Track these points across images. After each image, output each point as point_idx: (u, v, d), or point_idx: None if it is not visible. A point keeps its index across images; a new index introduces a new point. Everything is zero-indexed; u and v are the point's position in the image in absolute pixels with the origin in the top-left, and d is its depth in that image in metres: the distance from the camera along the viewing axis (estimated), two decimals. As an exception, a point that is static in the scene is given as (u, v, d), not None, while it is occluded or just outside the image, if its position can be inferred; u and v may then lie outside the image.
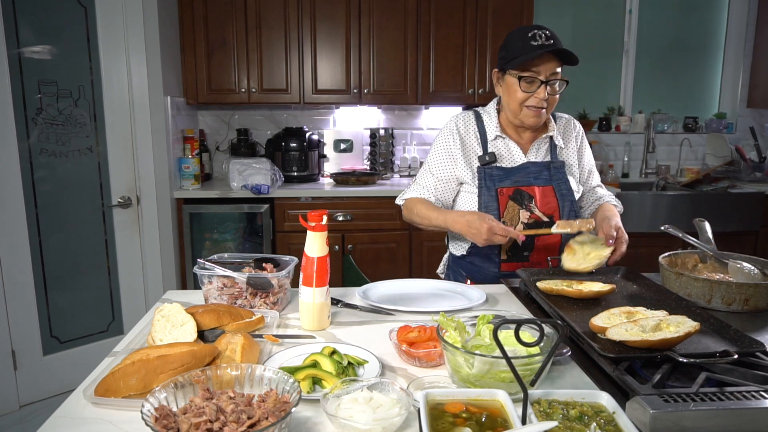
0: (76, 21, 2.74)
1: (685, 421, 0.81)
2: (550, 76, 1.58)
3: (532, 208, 1.69)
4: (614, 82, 4.13)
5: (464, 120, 1.77)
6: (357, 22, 3.42)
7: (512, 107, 1.65)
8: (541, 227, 1.66)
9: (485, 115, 1.77)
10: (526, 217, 1.69)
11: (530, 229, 1.62)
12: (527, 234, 1.56)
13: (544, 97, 1.59)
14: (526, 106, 1.62)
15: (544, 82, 1.58)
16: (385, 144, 3.79)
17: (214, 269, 1.38)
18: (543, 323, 0.88)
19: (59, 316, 2.82)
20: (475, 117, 1.78)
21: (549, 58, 1.57)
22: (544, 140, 1.75)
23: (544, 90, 1.59)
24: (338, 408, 0.86)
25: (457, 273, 1.82)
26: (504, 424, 0.81)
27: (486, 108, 1.79)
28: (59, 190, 2.77)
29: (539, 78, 1.58)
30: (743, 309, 1.31)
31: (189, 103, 3.45)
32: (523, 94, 1.61)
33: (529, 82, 1.59)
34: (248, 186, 3.22)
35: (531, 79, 1.58)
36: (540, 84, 1.58)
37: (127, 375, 0.94)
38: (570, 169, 1.77)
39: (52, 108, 2.70)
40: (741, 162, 3.88)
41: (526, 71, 1.58)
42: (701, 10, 4.08)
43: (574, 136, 1.81)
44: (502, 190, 1.69)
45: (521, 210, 1.69)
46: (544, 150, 1.75)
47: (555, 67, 1.58)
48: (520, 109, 1.64)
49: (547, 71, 1.57)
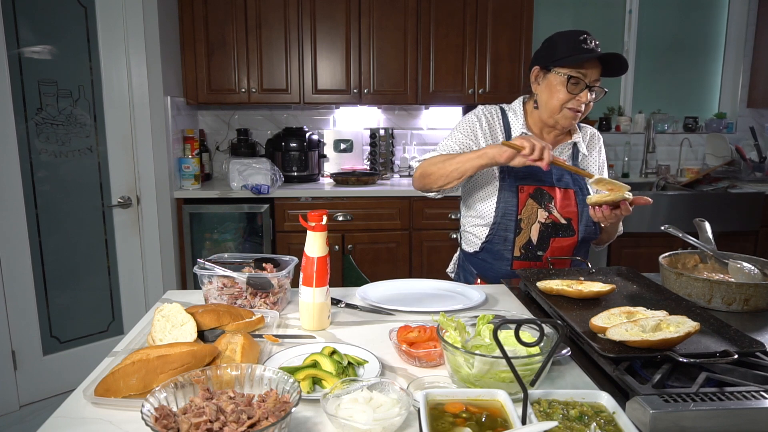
0: (76, 21, 2.74)
1: (685, 421, 0.81)
2: (593, 82, 1.60)
3: (551, 208, 1.68)
4: (614, 82, 4.12)
5: (491, 112, 1.77)
6: (357, 22, 3.42)
7: (552, 106, 1.63)
8: (558, 229, 1.67)
9: (510, 112, 1.77)
10: (544, 216, 1.68)
11: (567, 164, 1.52)
12: (557, 163, 1.48)
13: (586, 101, 1.60)
14: (566, 108, 1.62)
15: (589, 86, 1.59)
16: (385, 144, 3.79)
17: (214, 269, 1.38)
18: (543, 323, 0.88)
19: (59, 316, 2.82)
20: (501, 112, 1.78)
21: (596, 64, 1.59)
22: (568, 146, 1.75)
23: (587, 94, 1.59)
24: (338, 408, 0.86)
25: (467, 272, 1.81)
26: (504, 424, 0.81)
27: (511, 105, 1.79)
28: (59, 190, 2.77)
29: (585, 81, 1.59)
30: (743, 309, 1.31)
31: (189, 103, 3.45)
32: (567, 94, 1.60)
33: (575, 84, 1.59)
34: (248, 186, 3.22)
35: (577, 81, 1.59)
36: (585, 87, 1.59)
37: (127, 375, 0.94)
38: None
39: (52, 108, 2.70)
40: (741, 162, 3.89)
41: (575, 71, 1.58)
42: (701, 10, 4.08)
43: (598, 149, 1.82)
44: (523, 187, 1.68)
45: (540, 209, 1.68)
46: (567, 155, 1.76)
47: (598, 74, 1.60)
48: (560, 109, 1.62)
49: (592, 76, 1.59)
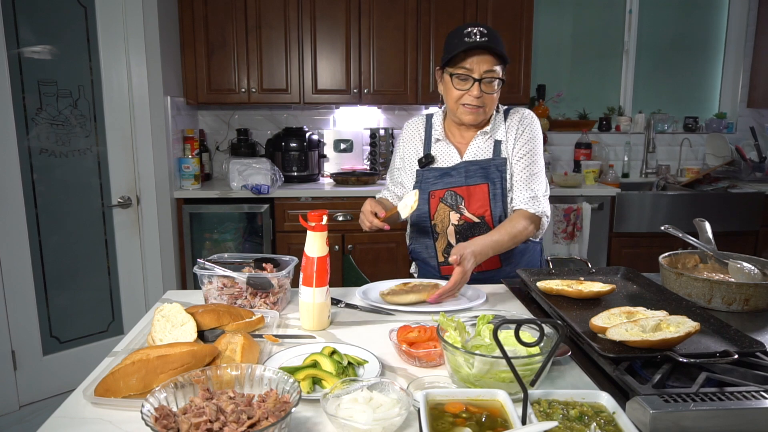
0: (76, 21, 2.74)
1: (685, 421, 0.81)
2: (485, 74, 1.56)
3: (462, 209, 1.68)
4: (614, 82, 4.12)
5: (413, 125, 1.82)
6: (357, 22, 3.42)
7: (450, 105, 1.66)
8: (473, 229, 1.68)
9: (434, 118, 1.78)
10: (457, 219, 1.68)
11: (388, 212, 1.62)
12: (384, 218, 1.59)
13: (477, 95, 1.58)
14: (462, 104, 1.61)
15: (478, 80, 1.56)
16: (385, 144, 3.79)
17: (214, 269, 1.38)
18: (543, 323, 0.88)
19: (59, 316, 2.82)
20: (426, 121, 1.80)
21: (482, 55, 1.55)
22: (484, 138, 1.70)
23: (477, 88, 1.57)
24: (338, 408, 0.86)
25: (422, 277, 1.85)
26: (504, 424, 0.81)
27: (439, 110, 1.80)
28: (59, 190, 2.77)
29: (472, 76, 1.56)
30: (743, 309, 1.31)
31: (189, 103, 3.45)
32: (457, 91, 1.60)
33: (462, 80, 1.58)
34: (248, 186, 3.22)
35: (464, 77, 1.57)
36: (473, 82, 1.57)
37: (127, 375, 0.94)
38: (510, 164, 1.69)
39: (52, 108, 2.70)
40: (741, 162, 3.88)
41: (458, 68, 1.57)
42: (701, 10, 4.08)
43: (517, 125, 1.69)
44: (434, 193, 1.70)
45: (451, 212, 1.69)
46: (485, 148, 1.70)
47: (490, 65, 1.56)
48: (456, 107, 1.63)
49: (481, 69, 1.56)
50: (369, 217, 1.61)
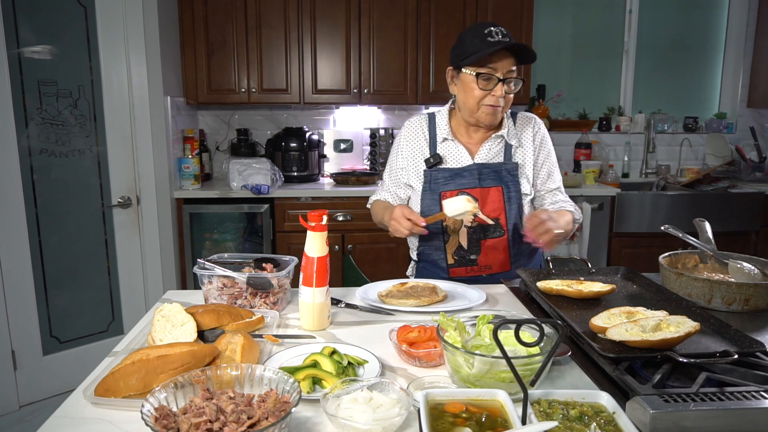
0: (76, 21, 2.74)
1: (685, 421, 0.81)
2: (507, 74, 1.56)
3: (478, 211, 1.66)
4: (614, 82, 4.12)
5: (415, 124, 1.78)
6: (357, 22, 3.42)
7: (469, 105, 1.62)
8: (487, 231, 1.67)
9: (438, 117, 1.76)
10: (470, 220, 1.67)
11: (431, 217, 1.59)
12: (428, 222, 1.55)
13: (502, 95, 1.57)
14: (484, 105, 1.60)
15: (501, 80, 1.56)
16: (385, 144, 3.79)
17: (214, 269, 1.38)
18: (543, 323, 0.88)
19: (59, 316, 2.82)
20: (428, 120, 1.77)
21: (506, 55, 1.55)
22: (497, 141, 1.70)
23: (501, 88, 1.56)
24: (338, 408, 0.86)
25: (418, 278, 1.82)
26: (504, 424, 0.81)
27: (441, 109, 1.78)
28: (59, 190, 2.77)
29: (497, 75, 1.55)
30: (743, 309, 1.31)
31: (189, 103, 3.45)
32: (480, 92, 1.58)
33: (486, 80, 1.56)
34: (248, 186, 3.22)
35: (488, 76, 1.56)
36: (497, 81, 1.56)
37: (127, 375, 0.94)
38: (523, 170, 1.71)
39: (52, 108, 2.70)
40: (741, 162, 3.88)
41: (483, 68, 1.56)
42: (701, 10, 4.08)
43: (533, 135, 1.73)
44: (446, 194, 1.67)
45: None
46: (497, 151, 1.70)
47: (511, 65, 1.56)
48: (477, 107, 1.61)
49: (504, 69, 1.55)
50: (405, 223, 1.54)
